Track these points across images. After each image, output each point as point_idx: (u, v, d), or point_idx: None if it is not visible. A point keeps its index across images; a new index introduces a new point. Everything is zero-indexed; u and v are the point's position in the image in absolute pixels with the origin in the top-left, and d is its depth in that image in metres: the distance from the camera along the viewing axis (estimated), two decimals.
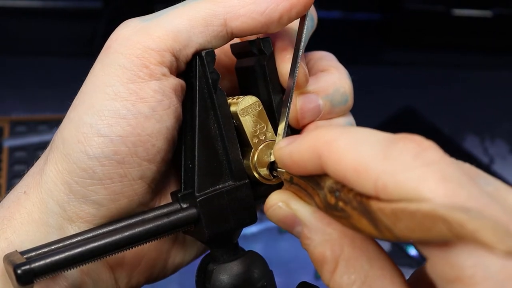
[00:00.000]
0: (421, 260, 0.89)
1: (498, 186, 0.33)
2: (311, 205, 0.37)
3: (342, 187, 0.34)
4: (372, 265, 0.35)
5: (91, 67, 0.45)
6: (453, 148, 1.04)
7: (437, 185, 0.30)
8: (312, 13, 0.49)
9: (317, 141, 0.35)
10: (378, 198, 0.32)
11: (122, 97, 0.42)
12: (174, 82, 0.44)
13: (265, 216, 0.41)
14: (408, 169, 0.31)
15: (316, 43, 0.52)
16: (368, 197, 0.32)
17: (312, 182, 0.37)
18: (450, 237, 0.29)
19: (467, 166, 0.34)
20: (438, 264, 0.30)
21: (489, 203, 0.30)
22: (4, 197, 0.45)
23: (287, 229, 0.39)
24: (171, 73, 0.44)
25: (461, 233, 0.28)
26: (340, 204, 0.34)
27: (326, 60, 0.49)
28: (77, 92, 0.44)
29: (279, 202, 0.39)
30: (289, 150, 0.38)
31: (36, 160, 0.46)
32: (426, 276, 0.33)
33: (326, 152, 0.34)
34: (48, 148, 0.45)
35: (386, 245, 0.90)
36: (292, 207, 0.38)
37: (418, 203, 0.30)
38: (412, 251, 0.89)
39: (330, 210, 0.35)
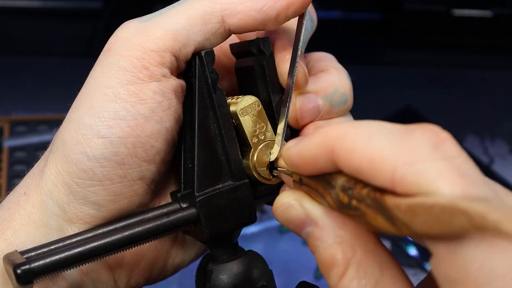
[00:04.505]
0: (421, 260, 0.88)
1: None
2: (323, 205, 0.36)
3: (354, 185, 0.33)
4: (383, 273, 0.34)
5: (91, 67, 0.45)
6: None
7: (456, 180, 0.29)
8: (312, 14, 0.49)
9: (328, 135, 0.34)
10: (394, 192, 0.30)
11: (122, 99, 0.42)
12: (174, 83, 0.44)
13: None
14: (427, 160, 0.30)
15: (316, 43, 0.52)
16: (383, 193, 0.31)
17: (323, 182, 0.36)
18: (469, 229, 0.28)
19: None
20: (444, 263, 0.29)
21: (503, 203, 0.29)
22: (4, 198, 0.45)
23: (294, 230, 0.38)
24: (171, 73, 0.44)
25: (482, 224, 0.27)
26: (354, 202, 0.33)
27: (325, 61, 0.49)
28: (77, 92, 0.45)
29: (292, 201, 0.38)
30: (298, 149, 0.37)
31: (36, 161, 0.46)
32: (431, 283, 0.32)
33: (338, 145, 0.33)
34: (48, 149, 0.45)
35: (385, 245, 0.90)
36: (304, 206, 0.37)
37: (435, 197, 0.29)
38: (412, 251, 0.89)
39: (343, 209, 0.34)
